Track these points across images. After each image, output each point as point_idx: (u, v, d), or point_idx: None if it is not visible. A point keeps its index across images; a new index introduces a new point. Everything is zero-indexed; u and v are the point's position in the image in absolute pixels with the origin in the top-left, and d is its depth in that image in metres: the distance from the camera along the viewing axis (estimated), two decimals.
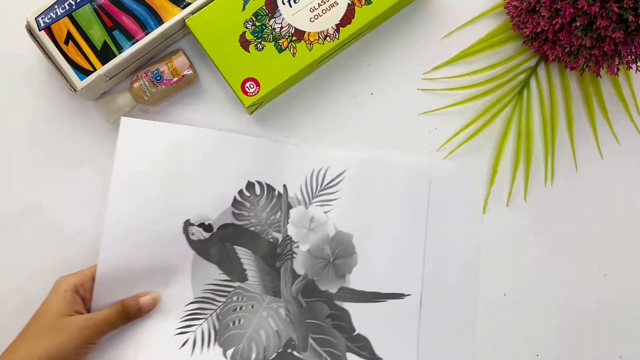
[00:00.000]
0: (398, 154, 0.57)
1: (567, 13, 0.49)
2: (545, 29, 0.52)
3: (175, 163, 0.53)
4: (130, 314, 0.51)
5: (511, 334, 0.57)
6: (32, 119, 0.57)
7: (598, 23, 0.48)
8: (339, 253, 0.55)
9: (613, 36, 0.49)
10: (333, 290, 0.55)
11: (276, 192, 0.55)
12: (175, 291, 0.53)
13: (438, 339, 0.55)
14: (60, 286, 0.49)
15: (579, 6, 0.48)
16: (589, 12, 0.48)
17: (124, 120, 0.53)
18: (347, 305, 0.55)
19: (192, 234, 0.53)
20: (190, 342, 0.53)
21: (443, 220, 0.56)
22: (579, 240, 0.58)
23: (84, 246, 0.56)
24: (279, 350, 0.54)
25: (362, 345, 0.55)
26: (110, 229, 0.51)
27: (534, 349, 0.57)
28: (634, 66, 0.54)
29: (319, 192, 0.56)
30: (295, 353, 0.54)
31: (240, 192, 0.55)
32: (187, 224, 0.53)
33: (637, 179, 0.59)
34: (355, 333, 0.55)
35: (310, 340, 0.54)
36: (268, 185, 0.55)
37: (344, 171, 0.56)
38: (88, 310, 0.51)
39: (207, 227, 0.54)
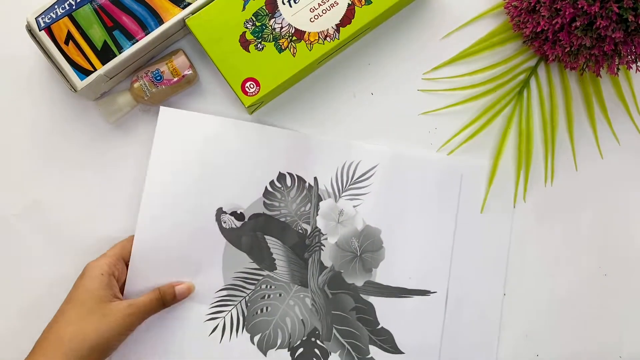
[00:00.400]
0: (429, 150, 0.57)
1: (567, 13, 0.49)
2: (545, 29, 0.52)
3: (209, 153, 0.55)
4: (167, 301, 0.52)
5: (511, 334, 0.57)
6: (32, 119, 0.57)
7: (598, 23, 0.48)
8: (366, 247, 0.56)
9: (613, 36, 0.49)
10: (359, 283, 0.56)
11: (307, 184, 0.56)
12: (207, 278, 0.55)
13: (462, 337, 0.55)
14: (94, 270, 0.50)
15: (579, 6, 0.48)
16: (589, 12, 0.48)
17: (163, 109, 0.55)
18: (372, 299, 0.56)
19: (224, 222, 0.55)
20: (219, 328, 0.55)
21: (473, 218, 0.57)
22: (579, 240, 0.58)
23: (85, 246, 0.56)
24: (303, 339, 0.55)
25: (385, 338, 0.55)
26: (145, 214, 0.53)
27: (534, 349, 0.57)
28: (634, 66, 0.54)
29: (349, 185, 0.56)
30: (318, 342, 0.55)
31: (272, 183, 0.56)
32: (220, 212, 0.55)
33: (637, 179, 0.59)
34: (379, 326, 0.56)
35: (334, 330, 0.55)
36: (299, 177, 0.56)
37: (375, 166, 0.57)
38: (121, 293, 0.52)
39: (239, 216, 0.55)
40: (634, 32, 0.49)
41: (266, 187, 0.56)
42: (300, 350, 0.55)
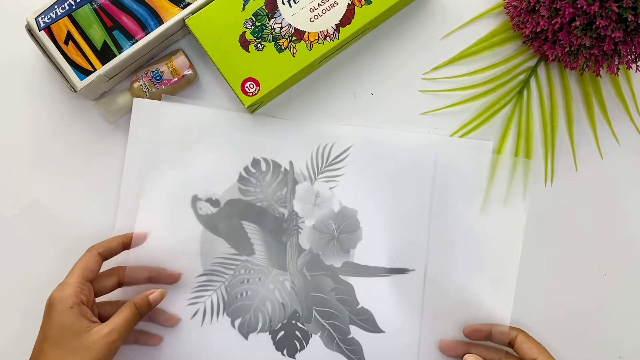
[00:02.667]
0: (403, 132, 0.57)
1: (566, 13, 0.49)
2: (545, 28, 0.52)
3: (182, 141, 0.56)
4: (143, 312, 0.51)
5: None
6: (32, 119, 0.57)
7: (597, 22, 0.48)
8: (343, 228, 0.56)
9: (612, 36, 0.49)
10: (337, 264, 0.56)
11: (282, 169, 0.56)
12: (185, 264, 0.55)
13: (442, 314, 0.55)
14: (63, 304, 0.47)
15: (579, 6, 0.48)
16: (589, 11, 0.48)
17: (136, 101, 0.55)
18: (351, 280, 0.56)
19: (200, 209, 0.55)
20: (200, 313, 0.55)
21: (448, 196, 0.57)
22: (579, 240, 0.58)
23: (85, 246, 0.56)
24: (284, 321, 0.55)
25: (365, 318, 0.56)
26: (123, 206, 0.54)
27: None
28: (633, 66, 0.54)
29: (324, 168, 0.57)
30: (299, 324, 0.55)
31: (246, 169, 0.56)
32: (195, 199, 0.56)
33: (637, 179, 0.59)
34: (359, 306, 0.56)
35: (314, 312, 0.56)
36: (274, 162, 0.56)
37: (350, 147, 0.57)
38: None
39: (214, 202, 0.56)
40: (633, 31, 0.49)
41: (240, 172, 0.56)
42: (282, 333, 0.55)
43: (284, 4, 0.52)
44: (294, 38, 0.53)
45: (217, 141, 0.56)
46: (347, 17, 0.53)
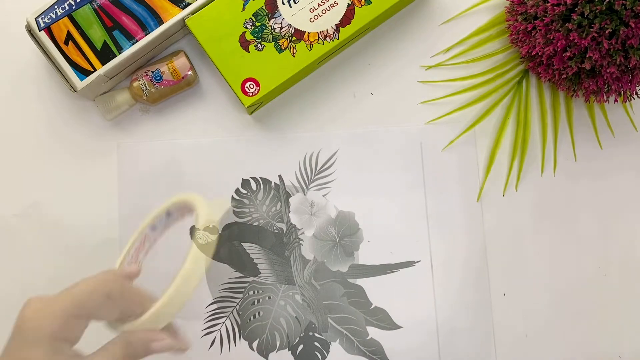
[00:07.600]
0: (385, 127, 0.58)
1: (559, 43, 0.49)
2: (540, 54, 0.52)
3: (172, 177, 0.56)
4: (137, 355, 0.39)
5: (511, 334, 0.56)
6: (32, 119, 0.57)
7: (589, 55, 0.48)
8: (343, 232, 0.57)
9: (608, 70, 0.49)
10: (344, 269, 0.56)
11: (272, 184, 0.57)
12: (195, 296, 0.54)
13: (455, 299, 0.56)
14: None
15: (571, 38, 0.48)
16: (580, 44, 0.48)
17: (121, 146, 0.56)
18: (360, 282, 0.56)
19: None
20: (217, 341, 0.55)
21: (440, 182, 0.57)
22: (578, 239, 0.58)
23: (84, 246, 0.56)
24: (301, 335, 0.56)
25: (380, 317, 0.56)
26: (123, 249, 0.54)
27: (534, 349, 0.57)
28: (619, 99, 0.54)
29: (314, 176, 0.57)
30: (316, 335, 0.56)
31: (237, 191, 0.57)
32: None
33: (638, 176, 0.58)
34: (372, 307, 0.56)
35: (329, 320, 0.56)
36: (263, 179, 0.57)
37: (336, 151, 0.57)
38: None
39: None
40: (625, 70, 0.49)
41: (232, 196, 0.56)
42: (301, 347, 0.55)
43: (284, 4, 0.52)
44: (294, 38, 0.53)
45: (205, 169, 0.57)
46: (347, 17, 0.53)
